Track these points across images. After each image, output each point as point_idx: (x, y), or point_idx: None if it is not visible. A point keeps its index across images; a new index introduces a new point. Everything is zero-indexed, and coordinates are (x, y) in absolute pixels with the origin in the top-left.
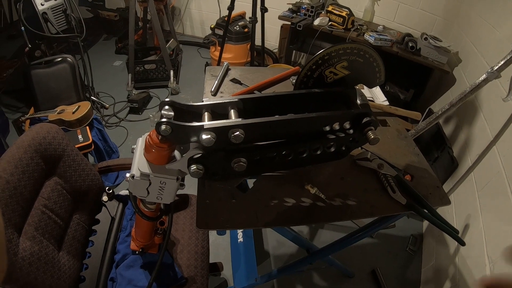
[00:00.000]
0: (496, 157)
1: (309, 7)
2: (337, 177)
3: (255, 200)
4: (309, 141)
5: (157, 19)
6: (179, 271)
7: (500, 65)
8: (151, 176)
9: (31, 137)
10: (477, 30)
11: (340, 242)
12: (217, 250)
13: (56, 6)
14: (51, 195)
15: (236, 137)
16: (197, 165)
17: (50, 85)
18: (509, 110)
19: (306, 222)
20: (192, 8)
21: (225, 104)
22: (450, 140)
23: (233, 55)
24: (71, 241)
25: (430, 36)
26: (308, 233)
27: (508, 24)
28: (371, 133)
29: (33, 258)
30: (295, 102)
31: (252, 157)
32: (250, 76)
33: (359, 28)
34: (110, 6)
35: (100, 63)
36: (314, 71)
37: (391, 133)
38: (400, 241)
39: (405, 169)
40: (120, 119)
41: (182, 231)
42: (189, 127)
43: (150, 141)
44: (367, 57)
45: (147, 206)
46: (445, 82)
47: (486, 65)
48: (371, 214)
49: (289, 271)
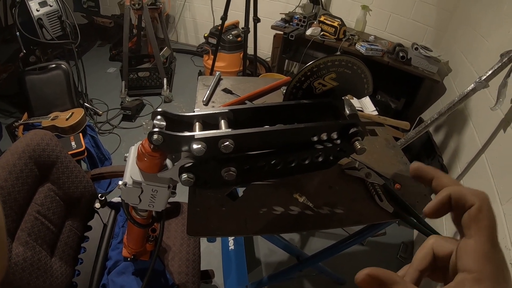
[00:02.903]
0: (484, 165)
1: (301, 17)
2: (325, 186)
3: (244, 208)
4: (297, 151)
5: (151, 27)
6: (170, 277)
7: (488, 74)
8: (143, 184)
9: (25, 144)
10: (467, 40)
11: (330, 249)
12: (209, 258)
13: (51, 12)
14: (44, 201)
15: (226, 147)
16: (188, 174)
17: (44, 91)
18: (497, 119)
19: (295, 230)
20: (186, 16)
21: (215, 115)
22: (440, 149)
23: (226, 63)
24: (64, 247)
25: (420, 46)
26: (299, 241)
27: (497, 35)
28: (358, 143)
29: (26, 264)
30: (284, 112)
31: (242, 166)
32: (241, 86)
33: (351, 38)
34: (105, 13)
35: (94, 69)
36: (303, 83)
37: (380, 143)
38: (391, 248)
39: (393, 178)
40: (113, 126)
41: (173, 238)
42: (181, 137)
43: (142, 150)
44: (355, 68)
45: (139, 213)
46: (436, 91)
47: (475, 75)
48: (359, 222)
49: (280, 278)
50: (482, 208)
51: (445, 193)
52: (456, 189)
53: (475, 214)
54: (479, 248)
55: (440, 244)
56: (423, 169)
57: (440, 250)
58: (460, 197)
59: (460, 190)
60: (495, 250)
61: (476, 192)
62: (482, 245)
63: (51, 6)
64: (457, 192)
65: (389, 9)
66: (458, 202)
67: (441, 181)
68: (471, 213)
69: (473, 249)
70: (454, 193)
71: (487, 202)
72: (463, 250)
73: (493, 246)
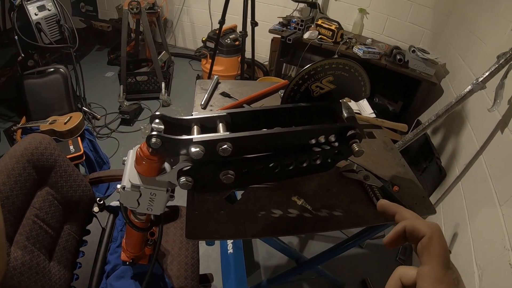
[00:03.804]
0: (482, 166)
1: (299, 20)
2: (324, 189)
3: (243, 211)
4: (295, 154)
5: (149, 31)
6: (169, 281)
7: (485, 76)
8: (142, 188)
9: (24, 147)
10: (463, 42)
11: (329, 252)
12: (207, 262)
13: (49, 16)
14: (43, 205)
15: (224, 150)
16: (186, 177)
17: (42, 95)
18: (494, 120)
19: (293, 233)
20: (184, 20)
21: (213, 118)
22: (438, 151)
23: (224, 67)
24: (62, 252)
25: (418, 49)
26: (298, 244)
27: (494, 37)
28: (355, 145)
29: (24, 268)
30: (282, 116)
31: (240, 170)
32: (239, 90)
33: (348, 41)
34: (103, 17)
35: (92, 74)
36: (300, 86)
37: (378, 145)
38: (390, 251)
39: (391, 180)
40: (111, 130)
41: (172, 242)
42: (179, 140)
43: (140, 154)
44: (352, 71)
45: (138, 217)
46: (433, 94)
47: (472, 77)
48: (357, 224)
49: (279, 281)
50: (433, 237)
51: (400, 226)
52: (411, 222)
53: (426, 243)
54: (432, 273)
55: (405, 273)
56: (387, 206)
57: (406, 279)
58: (414, 229)
59: (414, 223)
60: (447, 272)
61: (428, 224)
62: (434, 270)
63: (50, 10)
64: (411, 225)
65: (386, 12)
66: (412, 233)
67: (401, 216)
68: (423, 243)
69: (427, 275)
70: (408, 225)
71: (438, 231)
72: (420, 276)
73: (445, 269)
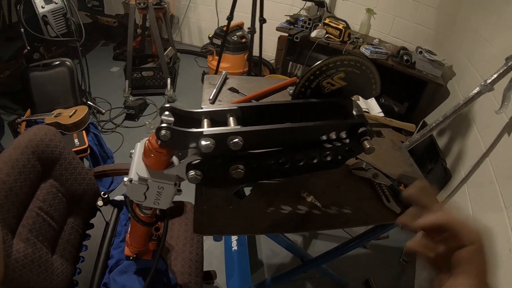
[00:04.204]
0: (489, 169)
1: (306, 19)
2: (333, 186)
3: (252, 207)
4: (306, 150)
5: (156, 27)
6: (173, 277)
7: (493, 78)
8: (149, 181)
9: (29, 139)
10: (471, 44)
11: (334, 251)
12: (210, 258)
13: (56, 9)
14: (47, 198)
15: (235, 144)
16: (195, 171)
17: (47, 88)
18: (501, 123)
19: (302, 229)
20: (191, 17)
21: (224, 112)
22: (444, 152)
23: (231, 64)
24: (65, 245)
25: (424, 50)
26: (302, 243)
27: (501, 39)
28: (367, 142)
29: (26, 260)
30: (293, 111)
31: (250, 165)
32: (247, 86)
33: (355, 41)
34: (109, 12)
35: (97, 68)
36: (312, 82)
37: (386, 144)
38: (393, 252)
39: (399, 179)
40: (116, 125)
41: (176, 238)
42: (189, 133)
43: (149, 146)
44: (363, 69)
45: (143, 211)
46: (439, 95)
47: (479, 78)
48: (366, 222)
49: (283, 279)
50: (480, 251)
51: (442, 219)
52: (457, 222)
53: (469, 256)
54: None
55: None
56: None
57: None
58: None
59: (460, 226)
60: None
61: (475, 232)
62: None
63: (56, 4)
64: (455, 226)
65: (393, 12)
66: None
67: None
68: (465, 254)
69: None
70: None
71: (485, 244)
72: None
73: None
